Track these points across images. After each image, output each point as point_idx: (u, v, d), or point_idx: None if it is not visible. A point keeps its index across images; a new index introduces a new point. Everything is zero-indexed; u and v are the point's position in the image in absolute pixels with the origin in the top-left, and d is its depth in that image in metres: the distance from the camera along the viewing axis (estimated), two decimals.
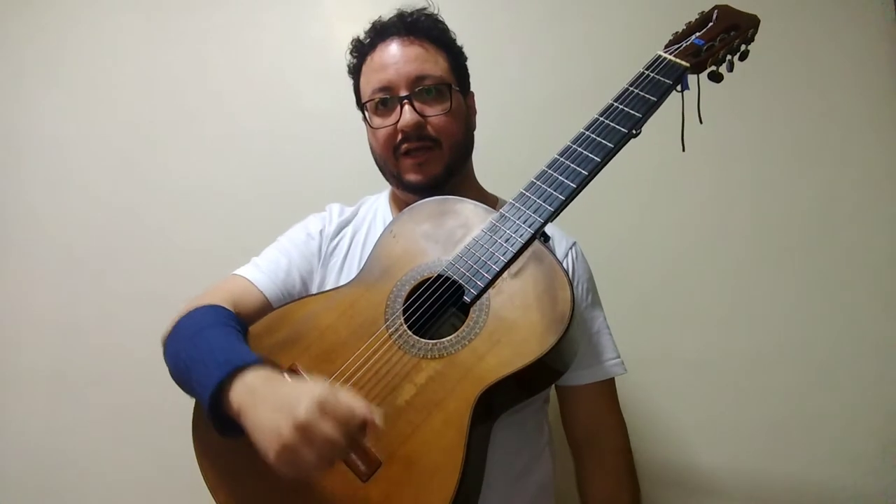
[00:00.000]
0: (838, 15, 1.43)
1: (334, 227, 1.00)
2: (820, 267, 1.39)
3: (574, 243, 1.01)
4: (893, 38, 1.41)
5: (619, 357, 0.97)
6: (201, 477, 0.80)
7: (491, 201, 1.03)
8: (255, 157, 1.52)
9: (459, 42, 1.01)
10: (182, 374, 0.78)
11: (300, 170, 1.50)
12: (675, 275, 1.43)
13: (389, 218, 1.01)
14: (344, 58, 1.01)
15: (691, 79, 0.92)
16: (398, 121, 0.91)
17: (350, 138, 1.14)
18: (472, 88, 1.04)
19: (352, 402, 0.63)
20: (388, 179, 1.00)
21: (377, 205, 1.05)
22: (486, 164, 1.07)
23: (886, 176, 1.40)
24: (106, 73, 1.56)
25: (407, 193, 0.97)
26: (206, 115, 1.54)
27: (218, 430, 0.71)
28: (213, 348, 0.76)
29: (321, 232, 1.00)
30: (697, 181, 1.43)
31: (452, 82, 0.95)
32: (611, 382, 0.97)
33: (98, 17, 1.57)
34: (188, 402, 0.82)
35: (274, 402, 0.64)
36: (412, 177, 0.93)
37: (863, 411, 1.34)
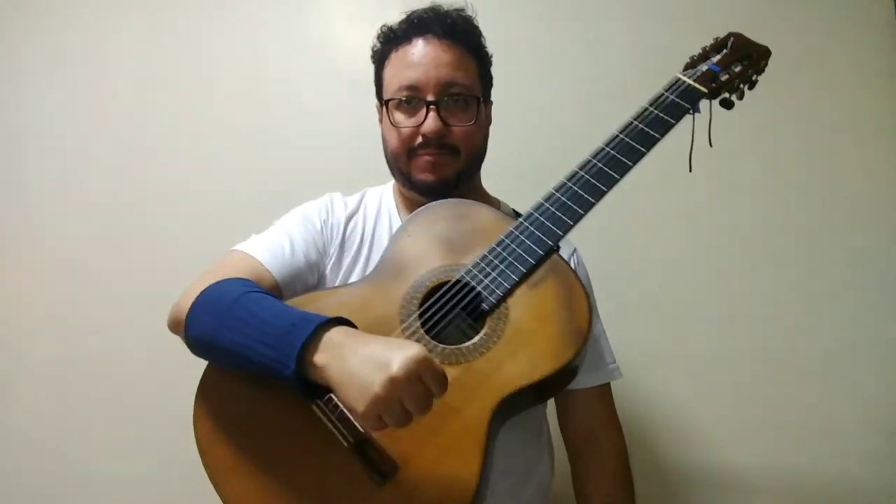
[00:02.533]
0: (838, 16, 1.45)
1: (343, 219, 0.98)
2: (822, 266, 1.40)
3: (574, 249, 1.04)
4: (893, 38, 1.43)
5: (615, 362, 1.01)
6: (202, 476, 0.76)
7: (493, 205, 1.03)
8: (255, 156, 1.49)
9: None
10: (229, 342, 0.72)
11: (300, 169, 1.47)
12: (677, 275, 1.43)
13: (394, 212, 1.00)
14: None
15: (703, 102, 0.95)
16: (421, 123, 0.90)
17: (350, 138, 1.14)
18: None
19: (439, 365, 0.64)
20: (395, 176, 0.99)
21: (382, 197, 1.03)
22: (491, 167, 1.06)
23: (887, 176, 1.41)
24: (106, 72, 1.51)
25: (413, 193, 0.96)
26: (206, 114, 1.50)
27: (302, 392, 0.69)
28: (275, 311, 0.73)
29: (323, 219, 0.97)
30: (698, 181, 1.40)
31: (480, 93, 0.94)
32: (608, 386, 1.00)
33: (98, 17, 1.51)
34: (188, 401, 0.79)
35: (365, 356, 0.64)
36: (423, 176, 0.93)
37: (866, 410, 1.35)
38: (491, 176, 1.07)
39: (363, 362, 0.64)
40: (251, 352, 0.70)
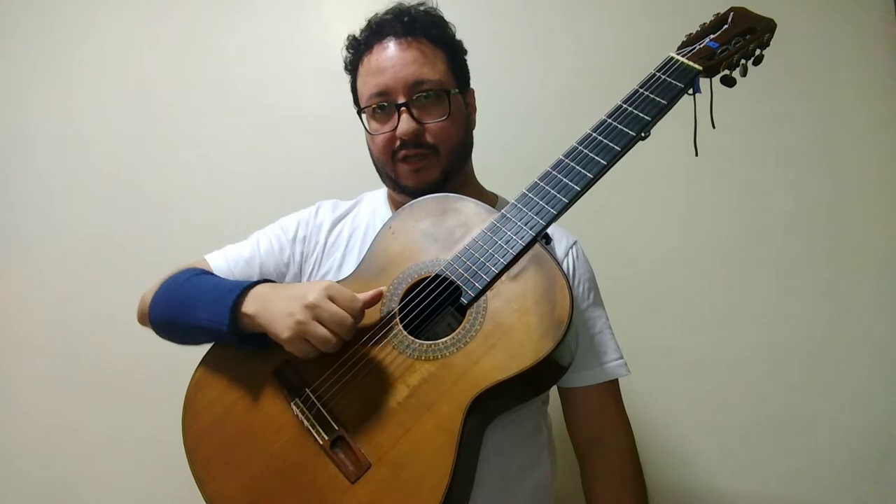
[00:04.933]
0: (838, 15, 1.43)
1: (328, 224, 0.99)
2: (820, 268, 1.40)
3: (575, 242, 1.00)
4: (893, 38, 1.41)
5: (621, 358, 0.95)
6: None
7: (490, 200, 1.01)
8: (256, 157, 1.52)
9: (461, 37, 0.98)
10: (179, 315, 0.84)
11: (300, 170, 1.50)
12: (676, 275, 1.43)
13: (387, 216, 1.00)
14: (340, 54, 0.99)
15: (704, 82, 0.90)
16: (396, 127, 0.90)
17: (349, 138, 1.15)
18: (473, 85, 1.01)
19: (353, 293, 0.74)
20: (385, 182, 1.00)
21: (375, 203, 1.04)
22: (486, 161, 1.05)
23: (885, 176, 1.40)
24: (106, 72, 1.56)
25: (404, 196, 0.95)
26: (206, 114, 1.54)
27: (238, 341, 0.79)
28: (213, 283, 0.85)
29: (303, 234, 0.99)
30: (698, 182, 1.43)
31: (451, 86, 0.93)
32: (614, 383, 0.95)
33: (98, 17, 1.56)
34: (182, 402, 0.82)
35: (285, 295, 0.76)
36: (409, 182, 0.93)
37: (863, 412, 1.34)
38: (486, 171, 1.05)
39: (284, 301, 0.75)
40: (197, 320, 0.81)
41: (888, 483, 1.32)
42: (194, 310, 0.82)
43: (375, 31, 0.93)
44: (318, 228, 0.99)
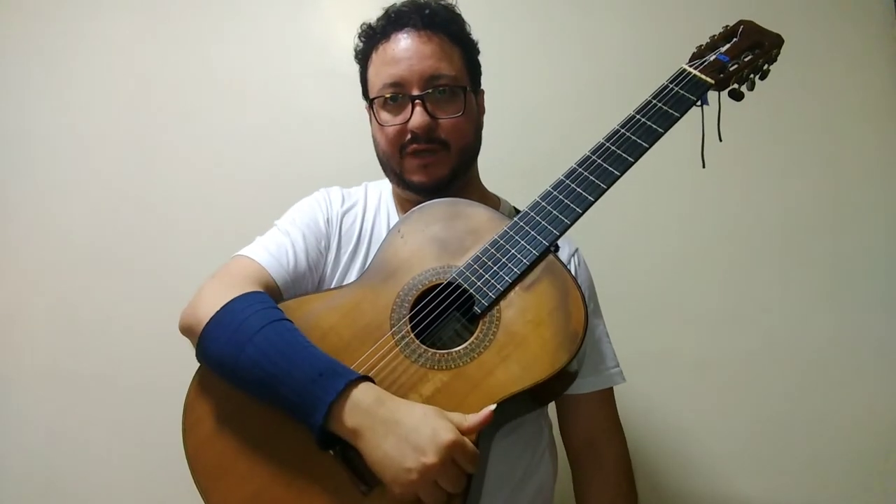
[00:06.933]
0: (838, 15, 1.44)
1: (342, 213, 0.96)
2: (820, 267, 1.40)
3: (576, 250, 1.00)
4: (893, 38, 1.42)
5: (618, 366, 0.97)
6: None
7: (493, 202, 1.01)
8: (255, 156, 1.51)
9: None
10: (248, 372, 0.72)
11: (300, 170, 1.48)
12: (676, 276, 1.43)
13: (392, 209, 0.98)
14: (353, 44, 0.97)
15: (711, 95, 0.91)
16: (408, 120, 0.88)
17: (350, 138, 1.13)
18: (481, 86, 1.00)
19: (470, 445, 0.66)
20: (389, 176, 0.97)
21: (381, 193, 1.01)
22: (487, 163, 1.04)
23: (886, 176, 1.41)
24: (106, 72, 1.54)
25: (408, 193, 0.94)
26: (207, 115, 1.52)
27: (321, 443, 0.69)
28: (301, 355, 0.71)
29: (326, 217, 0.95)
30: (698, 183, 1.43)
31: (466, 83, 0.92)
32: (610, 391, 0.96)
33: (98, 17, 1.54)
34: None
35: (398, 434, 0.65)
36: (416, 178, 0.90)
37: (864, 412, 1.35)
38: (488, 173, 1.04)
39: (398, 443, 0.65)
40: (274, 391, 0.70)
41: (891, 482, 1.32)
42: (273, 379, 0.70)
43: (394, 21, 0.91)
44: (337, 217, 0.96)
